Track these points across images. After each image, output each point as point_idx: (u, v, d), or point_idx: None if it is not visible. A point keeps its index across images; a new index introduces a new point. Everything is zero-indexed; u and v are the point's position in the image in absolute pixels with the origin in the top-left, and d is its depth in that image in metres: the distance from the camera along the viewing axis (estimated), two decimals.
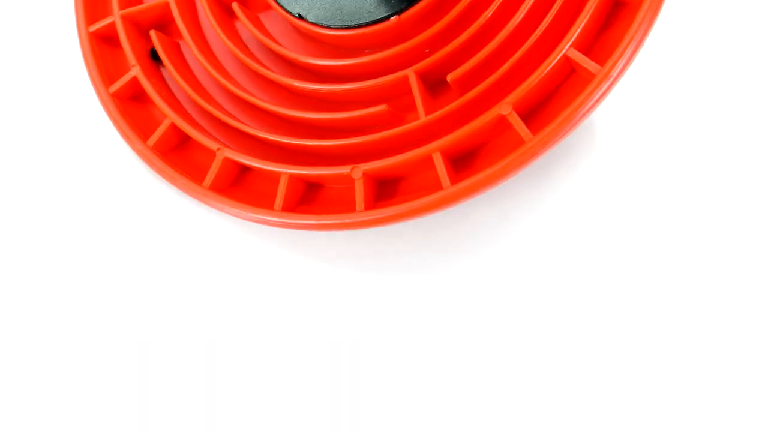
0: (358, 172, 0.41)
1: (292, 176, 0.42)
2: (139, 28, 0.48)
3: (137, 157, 0.46)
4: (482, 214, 0.44)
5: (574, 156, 0.44)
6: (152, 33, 0.47)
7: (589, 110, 0.38)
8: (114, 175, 0.47)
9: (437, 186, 0.40)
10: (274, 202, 0.42)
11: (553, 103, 0.40)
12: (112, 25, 0.47)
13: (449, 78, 0.41)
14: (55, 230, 0.47)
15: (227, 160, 0.44)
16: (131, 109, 0.47)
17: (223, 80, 0.45)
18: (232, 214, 0.43)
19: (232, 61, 0.47)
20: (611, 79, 0.38)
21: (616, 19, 0.40)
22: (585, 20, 0.39)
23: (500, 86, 0.40)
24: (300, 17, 0.44)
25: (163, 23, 0.48)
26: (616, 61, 0.38)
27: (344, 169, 0.41)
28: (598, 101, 0.38)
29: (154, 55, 0.47)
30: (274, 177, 0.43)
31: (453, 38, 0.42)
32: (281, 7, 0.45)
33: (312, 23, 0.44)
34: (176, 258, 0.45)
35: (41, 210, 0.48)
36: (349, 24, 0.44)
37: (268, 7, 0.47)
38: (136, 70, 0.46)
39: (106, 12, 0.49)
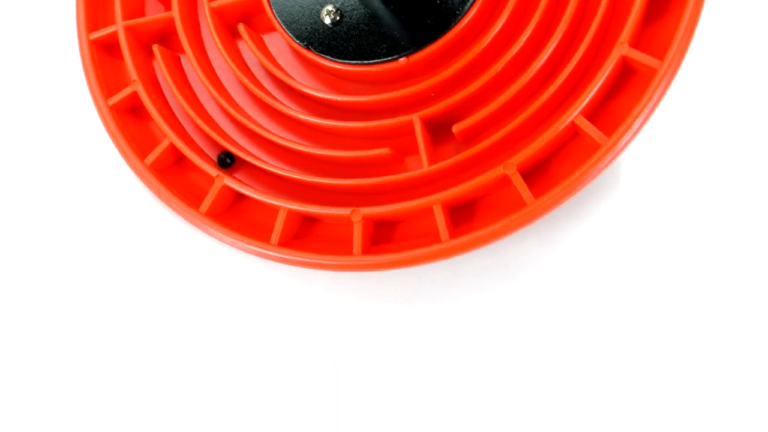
0: (357, 215, 0.41)
1: (291, 211, 0.42)
2: (141, 40, 0.48)
3: (134, 174, 0.46)
4: (499, 248, 0.45)
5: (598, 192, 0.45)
6: (155, 48, 0.46)
7: (594, 177, 0.39)
8: (109, 189, 0.48)
9: (435, 235, 0.41)
10: (270, 234, 0.43)
11: (556, 165, 0.41)
12: (114, 34, 0.47)
13: (455, 129, 0.42)
14: (48, 237, 0.48)
15: (225, 188, 0.44)
16: (129, 122, 0.47)
17: (225, 103, 0.45)
18: (227, 243, 0.43)
19: (233, 81, 0.47)
20: (617, 150, 0.39)
21: (625, 86, 0.41)
22: (595, 89, 0.40)
23: (505, 143, 0.41)
24: (307, 47, 0.44)
25: (166, 35, 0.48)
26: (623, 134, 0.39)
27: (344, 211, 0.42)
28: (602, 169, 0.39)
29: (223, 163, 0.46)
30: (272, 209, 0.43)
31: (460, 85, 0.43)
32: (289, 34, 0.45)
33: (318, 54, 0.44)
34: (169, 277, 0.46)
35: (33, 216, 0.48)
36: (357, 60, 0.44)
37: (273, 29, 0.47)
38: (137, 86, 0.46)
39: (109, 20, 0.48)
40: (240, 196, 0.45)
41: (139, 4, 0.49)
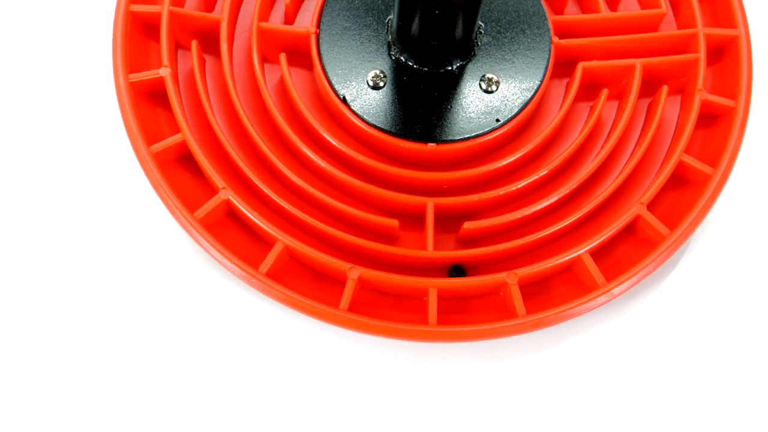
0: (354, 272, 0.42)
1: (287, 247, 0.43)
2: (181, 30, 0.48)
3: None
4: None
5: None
6: (193, 43, 0.46)
7: (584, 312, 0.43)
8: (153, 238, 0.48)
9: (423, 314, 0.43)
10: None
11: (554, 288, 0.45)
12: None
13: (465, 226, 0.44)
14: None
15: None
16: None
17: (246, 122, 0.45)
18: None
19: (253, 99, 0.48)
20: (612, 296, 0.43)
21: (632, 238, 0.46)
22: (603, 238, 0.44)
23: (508, 255, 0.44)
24: (344, 101, 0.46)
25: (204, 34, 0.48)
26: (622, 283, 0.44)
27: (342, 265, 0.43)
28: (594, 307, 0.43)
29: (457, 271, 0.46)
30: (269, 239, 0.44)
31: (477, 186, 0.46)
32: (329, 83, 0.47)
33: (352, 111, 0.46)
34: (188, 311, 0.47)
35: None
36: (389, 130, 0.46)
37: (311, 68, 0.48)
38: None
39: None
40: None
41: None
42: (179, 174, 0.46)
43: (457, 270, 0.45)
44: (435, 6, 0.44)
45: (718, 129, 0.47)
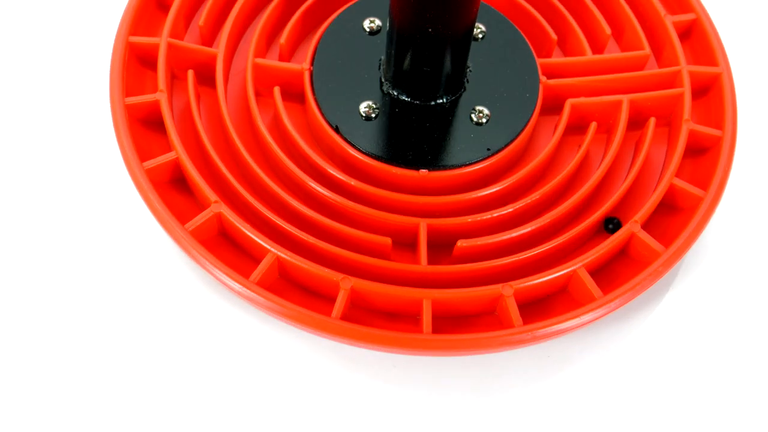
0: (347, 282, 0.42)
1: (279, 258, 0.43)
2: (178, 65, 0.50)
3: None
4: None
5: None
6: (190, 72, 0.48)
7: (582, 325, 0.43)
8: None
9: (416, 324, 0.43)
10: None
11: (551, 307, 0.45)
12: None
13: (459, 243, 0.45)
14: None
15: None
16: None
17: (240, 145, 0.47)
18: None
19: (247, 128, 0.50)
20: (608, 309, 0.44)
21: (624, 259, 0.47)
22: (600, 252, 0.45)
23: (503, 270, 0.45)
24: (336, 130, 0.47)
25: (200, 67, 0.50)
26: (616, 298, 0.44)
27: (335, 275, 0.43)
28: (592, 320, 0.44)
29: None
30: (260, 251, 0.44)
31: (469, 211, 0.47)
32: (322, 114, 0.49)
33: (344, 139, 0.48)
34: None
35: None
36: (380, 156, 0.48)
37: (305, 101, 0.50)
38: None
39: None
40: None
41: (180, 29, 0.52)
42: (172, 193, 0.47)
43: (614, 223, 0.47)
44: (423, 64, 0.47)
45: (707, 158, 0.49)
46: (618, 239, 0.45)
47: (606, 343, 0.47)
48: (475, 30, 0.51)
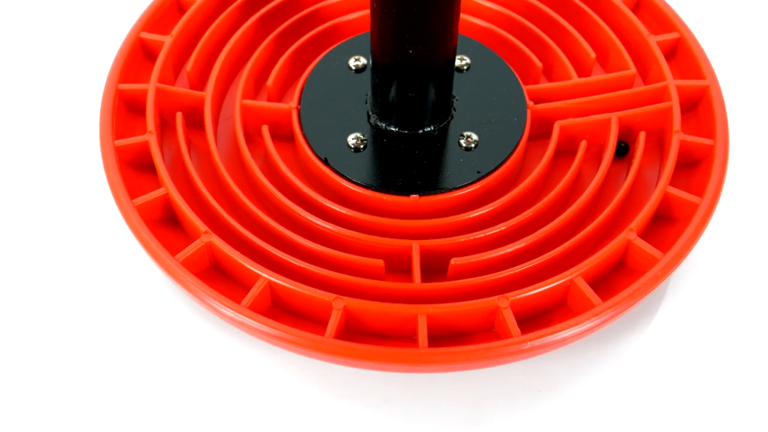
0: (339, 303, 0.43)
1: (270, 283, 0.44)
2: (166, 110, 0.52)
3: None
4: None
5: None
6: (178, 114, 0.50)
7: (582, 334, 0.43)
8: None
9: (413, 344, 0.43)
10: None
11: (549, 320, 0.45)
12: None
13: (453, 261, 0.45)
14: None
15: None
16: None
17: (231, 183, 0.48)
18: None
19: (237, 166, 0.51)
20: (608, 316, 0.44)
21: (624, 269, 0.47)
22: (597, 261, 0.45)
23: (498, 285, 0.45)
24: (326, 162, 0.49)
25: (189, 110, 0.52)
26: (616, 304, 0.44)
27: (327, 296, 0.43)
28: (591, 330, 0.44)
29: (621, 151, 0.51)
30: (251, 277, 0.45)
31: (463, 232, 0.48)
32: (311, 149, 0.50)
33: (333, 170, 0.49)
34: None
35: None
36: (369, 184, 0.49)
37: (293, 138, 0.52)
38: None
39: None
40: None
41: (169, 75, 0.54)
42: (162, 230, 0.48)
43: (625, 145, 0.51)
44: (408, 95, 0.49)
45: (700, 168, 0.50)
46: (614, 248, 0.46)
47: (607, 355, 0.47)
48: (460, 62, 0.54)
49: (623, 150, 0.52)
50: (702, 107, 0.53)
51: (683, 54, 0.55)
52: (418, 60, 0.47)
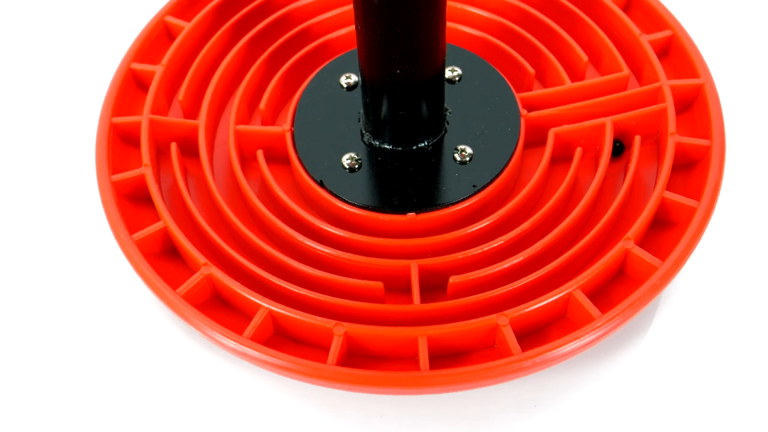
0: (340, 329, 0.44)
1: (271, 312, 0.45)
2: (160, 140, 0.53)
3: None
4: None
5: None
6: (173, 145, 0.51)
7: (583, 347, 0.44)
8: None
9: (414, 366, 0.44)
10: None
11: (549, 334, 0.46)
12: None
13: (452, 280, 0.46)
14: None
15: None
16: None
17: (228, 211, 0.49)
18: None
19: (235, 194, 0.52)
20: (608, 328, 0.44)
21: (623, 279, 0.48)
22: (595, 273, 0.46)
23: (498, 301, 0.46)
24: (321, 184, 0.49)
25: (183, 140, 0.54)
26: (616, 316, 0.45)
27: (327, 323, 0.44)
28: (592, 342, 0.44)
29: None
30: (252, 307, 0.46)
31: (461, 248, 0.48)
32: (306, 171, 0.51)
33: (329, 191, 0.50)
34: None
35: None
36: (366, 205, 0.50)
37: (288, 161, 0.53)
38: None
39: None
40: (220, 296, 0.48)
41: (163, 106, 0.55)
42: (163, 263, 0.49)
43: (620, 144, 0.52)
44: (399, 111, 0.49)
45: (696, 171, 0.51)
46: (612, 258, 0.46)
47: (604, 365, 0.48)
48: (451, 73, 0.54)
49: (619, 149, 0.53)
50: (697, 106, 0.53)
51: (676, 52, 0.55)
52: (406, 79, 0.48)
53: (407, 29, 0.45)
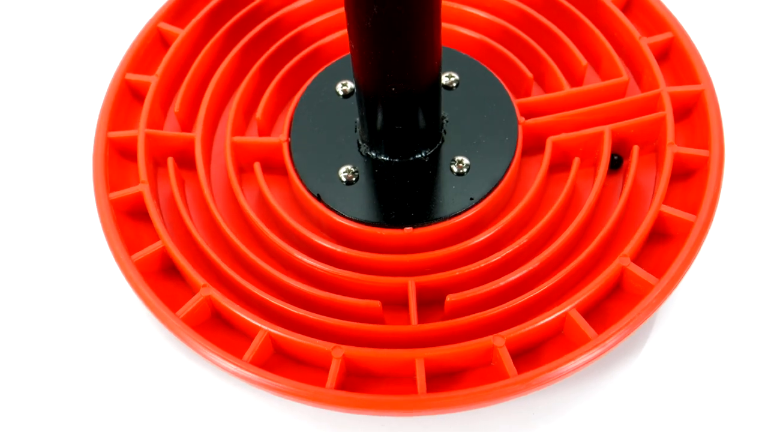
0: (338, 351, 0.45)
1: (270, 335, 0.46)
2: (156, 154, 0.54)
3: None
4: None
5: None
6: (169, 159, 0.52)
7: (578, 368, 0.45)
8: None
9: (412, 385, 0.45)
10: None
11: (545, 353, 0.47)
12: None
13: (448, 299, 0.47)
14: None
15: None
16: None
17: (226, 228, 0.50)
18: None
19: (232, 209, 0.53)
20: (604, 348, 0.45)
21: (621, 293, 0.48)
22: (591, 292, 0.47)
23: (494, 320, 0.47)
24: (319, 198, 0.50)
25: (180, 154, 0.54)
26: (612, 335, 0.45)
27: (325, 345, 0.45)
28: (588, 362, 0.45)
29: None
30: (251, 329, 0.47)
31: (459, 262, 0.49)
32: (303, 184, 0.51)
33: (326, 206, 0.50)
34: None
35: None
36: (364, 220, 0.50)
37: (285, 173, 0.53)
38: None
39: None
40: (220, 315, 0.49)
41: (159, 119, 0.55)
42: (163, 281, 0.50)
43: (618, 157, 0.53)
44: (395, 123, 0.50)
45: (695, 181, 0.51)
46: (609, 276, 0.47)
47: (598, 381, 0.49)
48: (448, 79, 0.54)
49: (617, 163, 0.53)
50: (696, 113, 0.53)
51: (677, 55, 0.55)
52: (402, 96, 0.48)
53: (401, 49, 0.45)
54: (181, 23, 0.59)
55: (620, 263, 0.47)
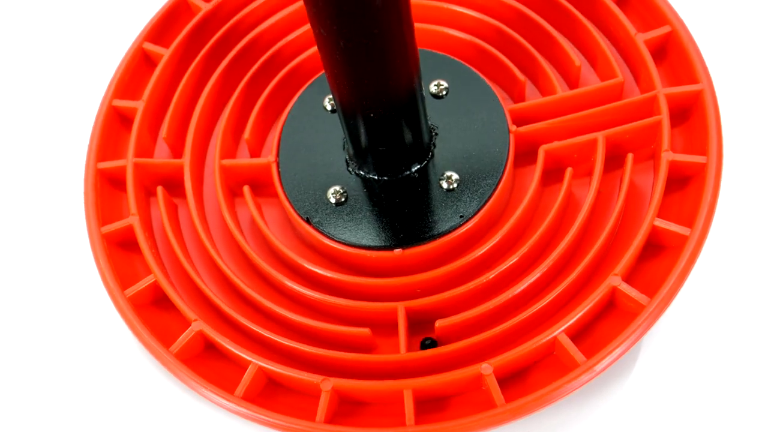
0: (327, 384, 0.47)
1: (261, 369, 0.48)
2: (146, 182, 0.55)
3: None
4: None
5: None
6: (159, 189, 0.53)
7: (568, 392, 0.46)
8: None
9: (400, 417, 0.47)
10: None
11: (535, 377, 0.48)
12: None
13: (437, 324, 0.48)
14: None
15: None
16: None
17: (216, 257, 0.52)
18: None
19: (224, 235, 0.54)
20: (593, 374, 0.46)
21: (611, 315, 0.49)
22: (581, 313, 0.47)
23: (486, 347, 0.48)
24: (307, 220, 0.51)
25: (169, 181, 0.56)
26: (601, 360, 0.46)
27: (314, 378, 0.47)
28: (576, 387, 0.46)
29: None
30: (242, 364, 0.49)
31: (450, 285, 0.50)
32: (292, 206, 0.53)
33: (315, 228, 0.52)
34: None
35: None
36: (353, 242, 0.51)
37: (275, 195, 0.54)
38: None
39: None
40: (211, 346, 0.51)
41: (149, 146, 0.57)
42: (156, 312, 0.53)
43: (431, 341, 0.50)
44: (379, 144, 0.50)
45: (691, 189, 0.51)
46: (600, 296, 0.48)
47: (599, 401, 0.50)
48: (437, 87, 0.55)
49: (430, 345, 0.52)
50: (695, 116, 0.52)
51: (675, 51, 0.55)
52: (381, 119, 0.49)
53: (373, 77, 0.46)
54: (164, 43, 0.60)
55: (611, 283, 0.48)
